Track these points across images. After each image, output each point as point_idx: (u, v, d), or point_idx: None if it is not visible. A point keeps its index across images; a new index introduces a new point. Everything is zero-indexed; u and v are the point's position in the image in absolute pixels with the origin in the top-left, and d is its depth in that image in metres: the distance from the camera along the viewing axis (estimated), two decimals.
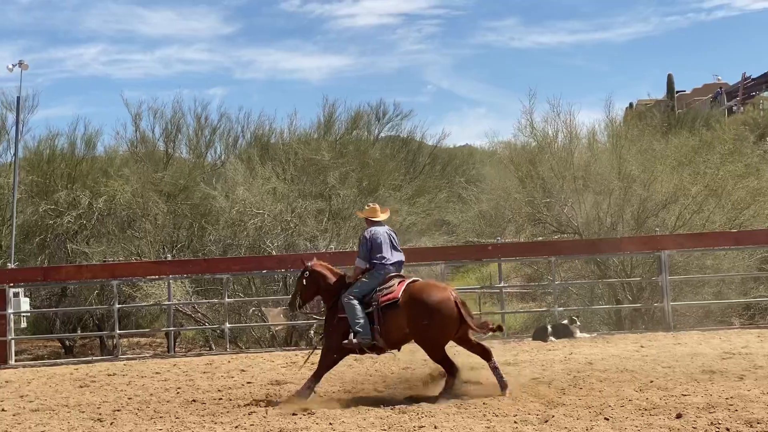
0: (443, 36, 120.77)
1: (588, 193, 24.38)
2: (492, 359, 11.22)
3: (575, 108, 39.30)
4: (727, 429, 8.43)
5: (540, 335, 18.17)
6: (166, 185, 27.77)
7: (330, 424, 9.58)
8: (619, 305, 22.42)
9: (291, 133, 33.38)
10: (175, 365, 16.72)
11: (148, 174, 28.33)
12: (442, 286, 11.48)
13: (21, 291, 19.39)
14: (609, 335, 18.73)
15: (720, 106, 59.55)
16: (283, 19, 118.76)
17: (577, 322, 18.59)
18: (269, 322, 21.53)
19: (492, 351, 11.38)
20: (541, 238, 24.87)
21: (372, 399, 11.14)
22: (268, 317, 21.63)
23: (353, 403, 10.80)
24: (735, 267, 22.60)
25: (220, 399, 11.93)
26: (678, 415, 8.99)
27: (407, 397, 11.02)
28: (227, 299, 20.11)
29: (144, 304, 22.74)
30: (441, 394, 10.86)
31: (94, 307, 24.79)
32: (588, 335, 18.38)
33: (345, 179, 26.98)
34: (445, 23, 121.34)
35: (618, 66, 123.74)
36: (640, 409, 9.50)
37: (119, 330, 20.58)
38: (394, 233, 12.03)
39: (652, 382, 11.43)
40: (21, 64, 24.78)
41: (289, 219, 24.79)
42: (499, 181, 28.29)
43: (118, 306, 20.11)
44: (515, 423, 9.16)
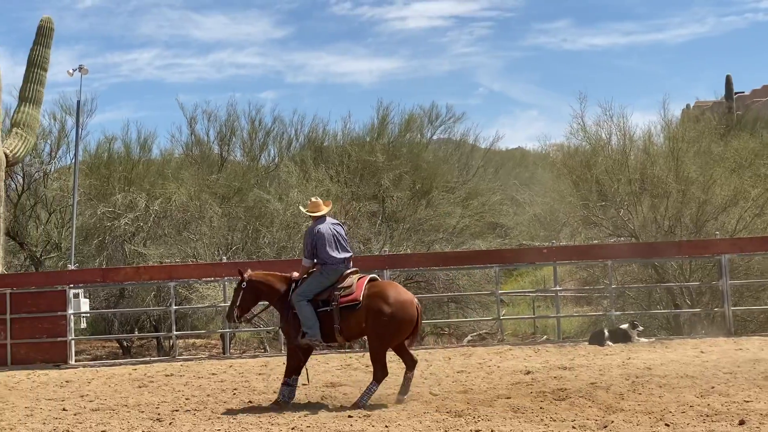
0: (494, 38, 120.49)
1: (644, 196, 24.16)
2: (413, 371, 11.48)
3: (628, 110, 38.99)
4: None
5: (597, 339, 17.96)
6: (220, 188, 27.98)
7: (386, 426, 9.57)
8: (678, 310, 22.15)
9: (345, 136, 33.51)
10: (231, 366, 16.82)
11: (203, 176, 28.56)
12: (403, 288, 11.65)
13: (81, 292, 19.63)
14: (668, 340, 18.47)
15: None
16: (335, 23, 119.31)
17: (639, 326, 18.32)
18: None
19: (416, 363, 11.64)
20: (597, 241, 24.65)
21: (427, 402, 11.11)
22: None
23: (409, 406, 10.80)
24: None
25: (276, 400, 11.96)
26: (741, 422, 8.86)
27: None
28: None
29: (200, 305, 22.91)
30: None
31: (151, 309, 25.04)
32: (646, 340, 18.14)
33: (398, 181, 27.00)
34: (497, 25, 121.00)
35: (673, 67, 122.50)
36: (701, 416, 9.37)
37: (176, 331, 20.78)
38: (341, 228, 11.92)
39: (713, 387, 11.27)
40: (81, 68, 25.12)
41: (343, 221, 24.81)
42: (553, 184, 28.14)
43: (174, 307, 20.28)
44: (573, 428, 9.08)
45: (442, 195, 27.85)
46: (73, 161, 26.40)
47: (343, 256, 11.52)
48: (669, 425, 8.95)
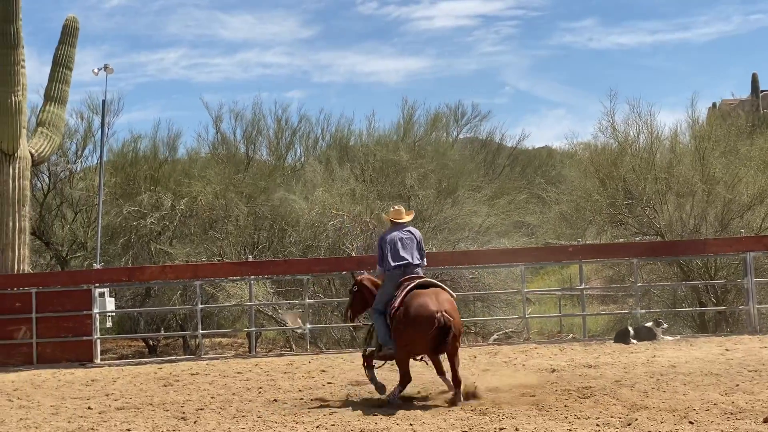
0: (521, 37, 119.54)
1: (671, 195, 24.03)
2: (457, 387, 10.97)
3: (655, 109, 38.75)
4: None
5: (622, 338, 17.91)
6: (246, 187, 28.02)
7: (410, 424, 9.56)
8: (703, 308, 22.03)
9: (370, 135, 33.52)
10: (257, 365, 16.86)
11: (229, 176, 28.62)
12: (436, 299, 10.89)
13: (106, 291, 19.76)
14: (692, 338, 18.38)
15: None
16: (361, 22, 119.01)
17: (664, 324, 18.24)
18: (288, 324, 21.70)
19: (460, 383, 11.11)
20: (623, 239, 24.52)
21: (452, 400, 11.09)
22: (287, 320, 21.75)
23: (433, 405, 10.79)
24: None
25: (301, 399, 11.99)
26: (765, 419, 8.78)
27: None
28: (307, 300, 20.23)
29: (226, 304, 22.96)
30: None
31: (177, 308, 25.10)
32: (671, 338, 18.07)
33: (424, 180, 26.97)
34: (523, 24, 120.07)
35: (700, 66, 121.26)
36: (725, 413, 9.30)
37: (202, 330, 20.84)
38: (416, 234, 11.68)
39: (737, 385, 11.19)
40: (106, 68, 25.25)
41: (368, 220, 24.82)
42: (580, 183, 27.97)
43: (200, 306, 20.35)
44: (597, 426, 9.04)
45: (467, 194, 27.76)
46: (99, 160, 26.54)
47: (398, 262, 11.35)
48: (693, 423, 8.89)
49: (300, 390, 12.89)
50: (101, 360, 19.21)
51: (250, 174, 29.57)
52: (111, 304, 20.27)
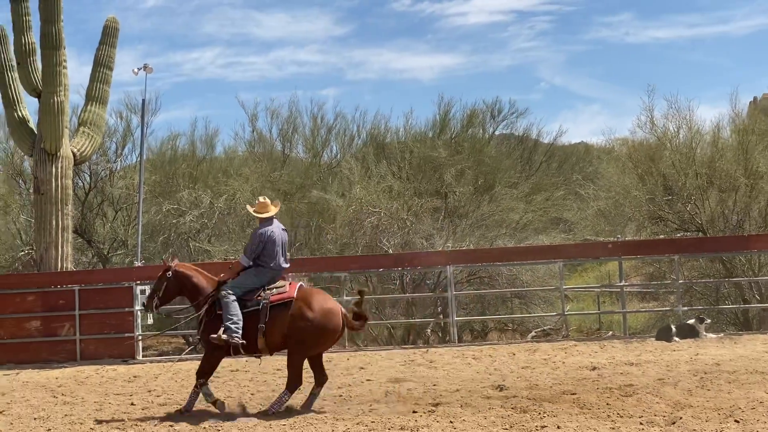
0: (555, 32, 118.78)
1: (712, 190, 23.80)
2: (322, 387, 11.07)
3: (694, 103, 38.43)
4: None
5: (663, 335, 17.76)
6: (283, 184, 28.11)
7: (450, 422, 9.55)
8: (747, 305, 21.80)
9: (406, 132, 33.49)
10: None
11: (266, 173, 28.72)
12: (331, 297, 11.30)
13: (147, 288, 19.88)
14: (736, 336, 18.20)
15: None
16: (394, 19, 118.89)
17: (707, 320, 18.07)
18: None
19: (326, 381, 11.20)
20: (663, 235, 24.34)
21: (491, 397, 11.07)
22: None
23: (473, 402, 10.77)
24: None
25: (340, 396, 12.00)
26: None
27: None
28: (345, 297, 20.24)
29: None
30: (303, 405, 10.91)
31: None
32: (714, 335, 17.90)
33: (461, 177, 26.92)
34: (558, 19, 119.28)
35: (740, 60, 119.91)
36: None
37: None
38: (286, 235, 11.60)
39: None
40: (146, 67, 25.38)
41: (405, 217, 24.81)
42: (618, 179, 27.77)
43: None
44: (641, 424, 8.99)
45: (505, 190, 27.68)
46: (139, 159, 26.70)
47: (285, 265, 11.30)
48: (739, 422, 8.82)
49: (339, 387, 12.91)
50: (143, 356, 19.35)
51: (286, 172, 29.67)
52: None
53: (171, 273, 11.39)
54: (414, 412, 10.24)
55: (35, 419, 11.32)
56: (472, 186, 26.87)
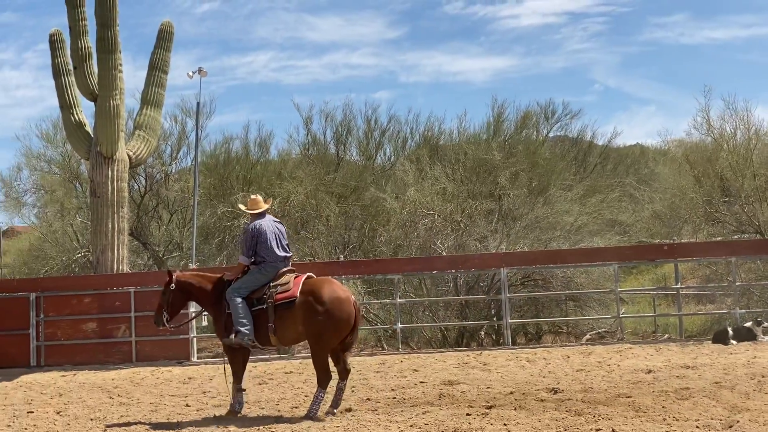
0: (609, 34, 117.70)
1: None
2: (345, 380, 10.89)
3: (752, 104, 37.94)
4: None
5: (720, 338, 17.52)
6: (337, 187, 28.21)
7: (504, 425, 9.50)
8: None
9: (460, 134, 33.49)
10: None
11: (320, 176, 28.84)
12: (341, 285, 11.04)
13: None
14: None
15: None
16: (447, 22, 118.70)
17: (765, 323, 17.78)
18: None
19: (349, 373, 11.00)
20: (720, 237, 24.01)
21: (545, 400, 11.00)
22: None
23: (526, 404, 10.70)
24: None
25: (394, 398, 12.00)
26: None
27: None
28: (399, 299, 20.23)
29: None
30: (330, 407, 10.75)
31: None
32: None
33: (515, 179, 26.79)
34: (611, 21, 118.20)
35: None
36: None
37: None
38: (282, 226, 11.53)
39: None
40: (200, 71, 25.65)
41: (459, 219, 24.76)
42: (674, 180, 27.52)
43: None
44: (697, 428, 8.88)
45: (559, 193, 27.50)
46: (194, 162, 26.96)
47: (284, 254, 11.17)
48: None
49: (392, 389, 12.92)
50: (197, 358, 19.50)
51: (340, 174, 29.77)
52: None
53: (173, 284, 11.38)
54: (467, 414, 10.19)
55: (92, 420, 11.47)
56: (526, 188, 26.72)
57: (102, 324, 19.37)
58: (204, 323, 20.42)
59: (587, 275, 23.68)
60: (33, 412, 12.46)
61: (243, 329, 10.73)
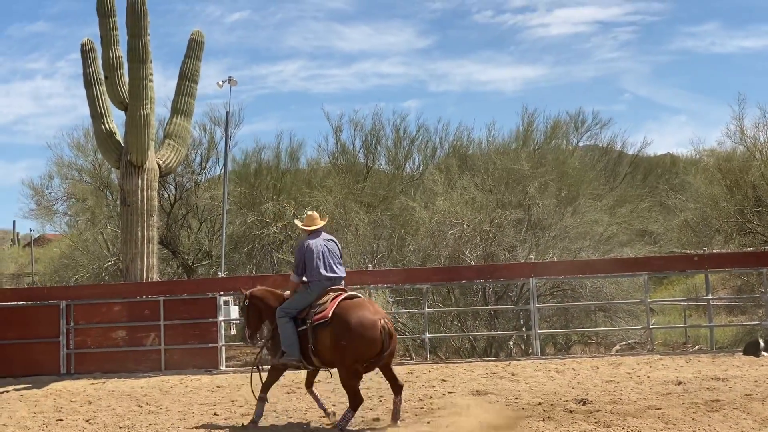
0: (639, 43, 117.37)
1: None
2: (399, 395, 10.69)
3: None
4: None
5: (751, 350, 17.33)
6: (366, 196, 28.26)
7: None
8: None
9: (489, 144, 33.46)
10: (377, 374, 16.80)
11: (349, 185, 28.89)
12: (372, 308, 10.61)
13: (231, 299, 20.08)
14: None
15: None
16: (477, 31, 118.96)
17: None
18: None
19: (402, 388, 10.84)
20: (752, 248, 23.80)
21: (574, 411, 10.92)
22: None
23: (555, 415, 10.64)
24: None
25: (422, 408, 11.97)
26: None
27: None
28: (427, 309, 20.17)
29: None
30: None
31: None
32: None
33: (544, 189, 26.71)
34: (642, 30, 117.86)
35: None
36: None
37: None
38: (336, 244, 11.39)
39: None
40: (230, 80, 25.79)
41: (488, 229, 24.70)
42: (705, 190, 27.33)
43: None
44: None
45: (588, 202, 27.40)
46: (223, 171, 27.07)
47: (330, 274, 10.97)
48: None
49: (420, 399, 12.88)
50: (226, 366, 19.53)
51: (369, 183, 29.81)
52: (235, 311, 20.58)
53: (247, 301, 11.45)
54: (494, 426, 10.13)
55: (120, 428, 11.54)
56: (555, 198, 26.63)
57: (131, 332, 19.42)
58: (233, 332, 20.45)
59: (617, 285, 23.55)
60: (62, 419, 12.54)
61: (288, 350, 10.78)
